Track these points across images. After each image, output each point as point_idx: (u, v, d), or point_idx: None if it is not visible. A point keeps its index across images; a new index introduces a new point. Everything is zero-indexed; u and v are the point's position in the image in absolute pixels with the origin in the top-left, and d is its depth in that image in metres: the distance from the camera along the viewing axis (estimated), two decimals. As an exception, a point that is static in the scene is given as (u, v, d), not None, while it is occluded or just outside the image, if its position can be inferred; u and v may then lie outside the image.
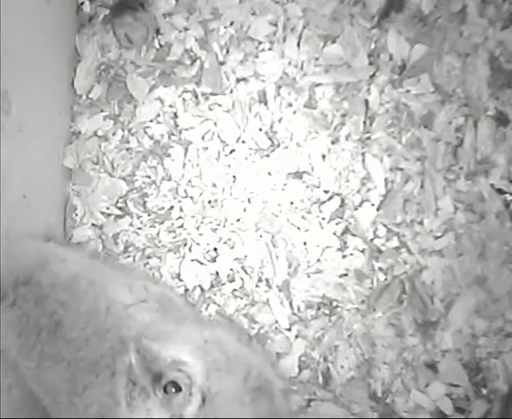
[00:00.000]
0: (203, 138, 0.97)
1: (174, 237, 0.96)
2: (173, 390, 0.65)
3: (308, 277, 0.93)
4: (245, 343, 0.80)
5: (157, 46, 1.00)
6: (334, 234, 0.94)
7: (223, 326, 0.87)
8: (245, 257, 0.95)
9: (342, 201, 0.94)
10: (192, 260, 0.95)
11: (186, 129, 0.98)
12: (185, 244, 0.96)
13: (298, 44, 0.97)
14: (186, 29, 1.00)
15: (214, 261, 0.95)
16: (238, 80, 0.97)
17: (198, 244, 0.96)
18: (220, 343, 0.72)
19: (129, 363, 0.67)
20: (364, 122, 0.95)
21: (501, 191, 0.93)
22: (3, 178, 0.80)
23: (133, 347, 0.66)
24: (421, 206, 0.93)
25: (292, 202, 0.95)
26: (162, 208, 0.97)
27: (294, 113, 0.96)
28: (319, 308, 0.93)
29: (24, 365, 0.76)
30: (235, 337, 0.79)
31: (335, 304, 0.93)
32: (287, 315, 0.93)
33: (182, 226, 0.96)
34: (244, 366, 0.71)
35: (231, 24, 0.99)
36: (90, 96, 1.00)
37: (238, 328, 0.89)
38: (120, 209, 0.98)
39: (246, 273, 0.94)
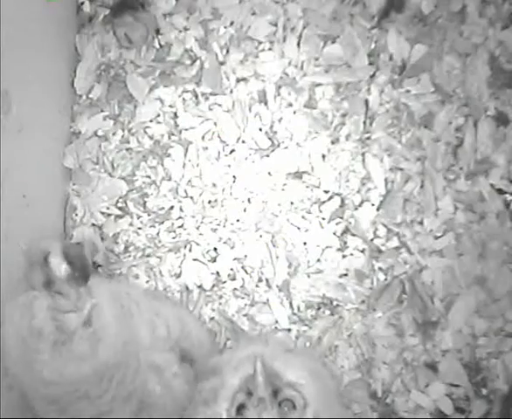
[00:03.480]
0: (203, 138, 0.97)
1: (174, 237, 0.96)
2: (285, 408, 0.69)
3: (308, 277, 0.93)
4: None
5: (157, 46, 1.00)
6: (334, 234, 0.94)
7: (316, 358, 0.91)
8: (245, 257, 0.95)
9: (342, 201, 0.94)
10: (193, 260, 0.95)
11: (186, 129, 0.98)
12: (185, 244, 0.96)
13: (298, 44, 0.97)
14: (186, 29, 1.00)
15: (214, 261, 0.95)
16: (238, 80, 0.97)
17: (198, 244, 0.96)
18: (323, 375, 0.78)
19: (249, 374, 0.69)
20: (364, 122, 0.95)
21: (501, 191, 0.93)
22: (3, 178, 0.80)
23: (260, 360, 0.68)
24: (421, 206, 0.93)
25: (292, 202, 0.95)
26: (162, 208, 0.97)
27: (294, 113, 0.96)
28: (319, 308, 0.93)
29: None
30: (329, 372, 0.87)
31: (335, 304, 0.93)
32: (287, 315, 0.93)
33: (182, 226, 0.96)
34: (340, 399, 0.81)
35: (231, 24, 0.99)
36: (90, 96, 1.00)
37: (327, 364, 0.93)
38: (120, 209, 0.98)
39: (247, 273, 0.94)
